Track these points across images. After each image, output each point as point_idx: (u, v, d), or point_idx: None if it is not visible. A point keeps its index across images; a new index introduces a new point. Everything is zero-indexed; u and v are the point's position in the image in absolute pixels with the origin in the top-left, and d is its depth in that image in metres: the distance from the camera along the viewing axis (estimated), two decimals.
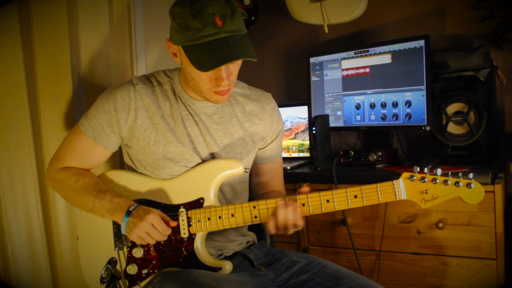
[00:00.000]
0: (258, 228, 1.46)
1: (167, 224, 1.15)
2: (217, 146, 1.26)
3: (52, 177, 1.29)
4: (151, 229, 1.12)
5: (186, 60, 1.12)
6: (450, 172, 1.07)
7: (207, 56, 1.07)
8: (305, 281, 1.20)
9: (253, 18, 2.32)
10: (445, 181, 1.06)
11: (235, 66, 1.16)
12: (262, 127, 1.34)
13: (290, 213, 1.11)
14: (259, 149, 1.37)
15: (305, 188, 1.14)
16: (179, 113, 1.24)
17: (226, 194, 1.30)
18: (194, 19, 1.06)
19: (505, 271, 1.58)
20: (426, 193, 1.07)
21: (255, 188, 1.43)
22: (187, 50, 1.10)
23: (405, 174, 1.09)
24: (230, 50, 1.07)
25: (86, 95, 1.58)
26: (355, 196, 1.10)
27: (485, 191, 1.54)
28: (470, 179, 1.05)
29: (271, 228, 1.13)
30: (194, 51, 1.08)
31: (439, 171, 1.06)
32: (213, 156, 1.26)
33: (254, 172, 1.42)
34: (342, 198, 1.11)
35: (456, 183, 1.05)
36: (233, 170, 1.20)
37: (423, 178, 1.07)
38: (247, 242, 1.37)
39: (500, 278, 1.57)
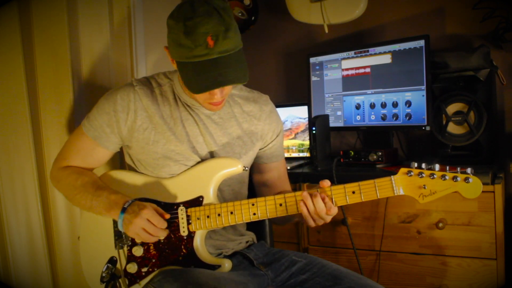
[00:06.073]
0: (257, 228, 1.46)
1: (162, 217, 1.15)
2: (216, 145, 1.27)
3: (54, 175, 1.32)
4: (147, 224, 1.12)
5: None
6: (448, 167, 1.06)
7: (196, 78, 1.09)
8: (304, 281, 1.20)
9: (253, 18, 2.32)
10: (443, 176, 1.05)
11: None
12: (261, 127, 1.35)
13: (318, 204, 1.10)
14: (260, 149, 1.38)
15: (326, 182, 1.12)
16: (178, 114, 1.25)
17: (225, 194, 1.30)
18: (186, 38, 1.06)
19: (505, 271, 1.58)
20: (424, 188, 1.06)
21: (260, 188, 1.44)
22: (180, 67, 1.13)
23: (403, 170, 1.08)
24: (219, 74, 1.07)
25: (86, 95, 1.58)
26: (353, 192, 1.10)
27: (485, 191, 1.58)
28: (468, 173, 1.04)
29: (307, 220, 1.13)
30: (186, 69, 1.11)
31: (436, 166, 1.06)
32: (212, 155, 1.27)
33: (257, 170, 1.43)
34: (340, 194, 1.11)
35: (454, 178, 1.04)
36: (232, 168, 1.21)
37: (420, 173, 1.07)
38: (247, 242, 1.37)
39: (500, 278, 1.57)
